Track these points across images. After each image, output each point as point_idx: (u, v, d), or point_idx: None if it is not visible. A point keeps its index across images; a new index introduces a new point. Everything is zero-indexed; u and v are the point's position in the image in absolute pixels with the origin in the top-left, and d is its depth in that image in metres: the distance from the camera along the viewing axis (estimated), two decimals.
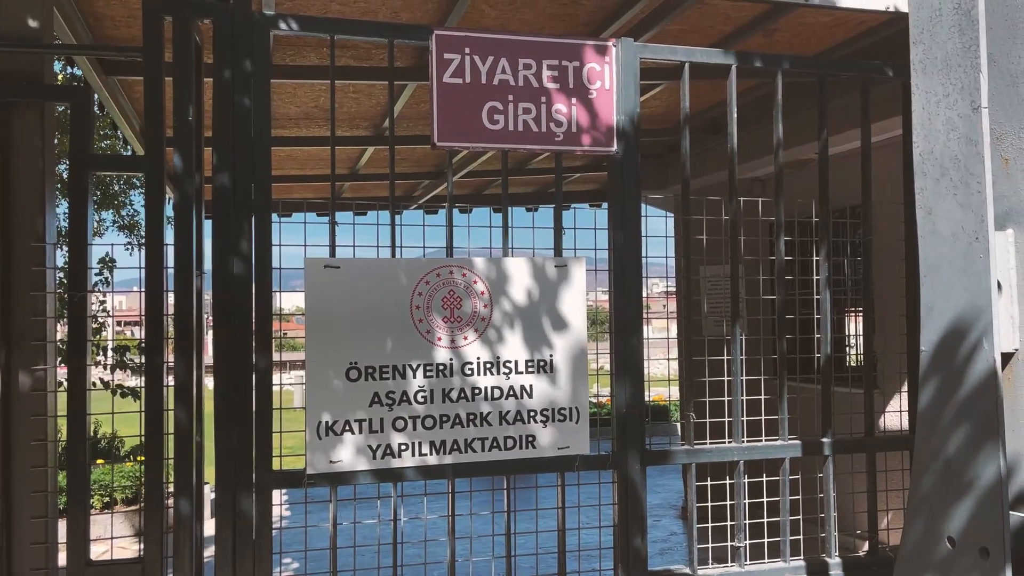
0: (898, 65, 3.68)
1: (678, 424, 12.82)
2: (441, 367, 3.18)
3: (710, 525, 3.74)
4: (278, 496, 3.08)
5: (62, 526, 3.01)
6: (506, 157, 3.39)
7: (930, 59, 2.20)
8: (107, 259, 9.78)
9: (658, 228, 4.21)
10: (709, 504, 3.76)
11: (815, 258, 3.84)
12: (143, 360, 2.88)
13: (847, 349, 6.81)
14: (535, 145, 3.27)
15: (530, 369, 3.26)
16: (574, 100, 3.30)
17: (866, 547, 3.78)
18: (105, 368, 9.01)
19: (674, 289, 6.22)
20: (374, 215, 3.41)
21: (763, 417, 3.91)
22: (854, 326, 6.72)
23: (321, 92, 5.62)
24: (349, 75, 4.96)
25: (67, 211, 3.03)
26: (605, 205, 3.55)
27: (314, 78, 5.03)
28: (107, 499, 8.24)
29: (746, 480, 3.55)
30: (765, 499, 3.72)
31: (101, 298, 10.04)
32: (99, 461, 9.22)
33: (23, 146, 3.05)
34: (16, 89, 3.09)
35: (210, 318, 3.07)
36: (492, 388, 3.22)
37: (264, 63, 3.02)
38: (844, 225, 4.97)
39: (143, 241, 2.94)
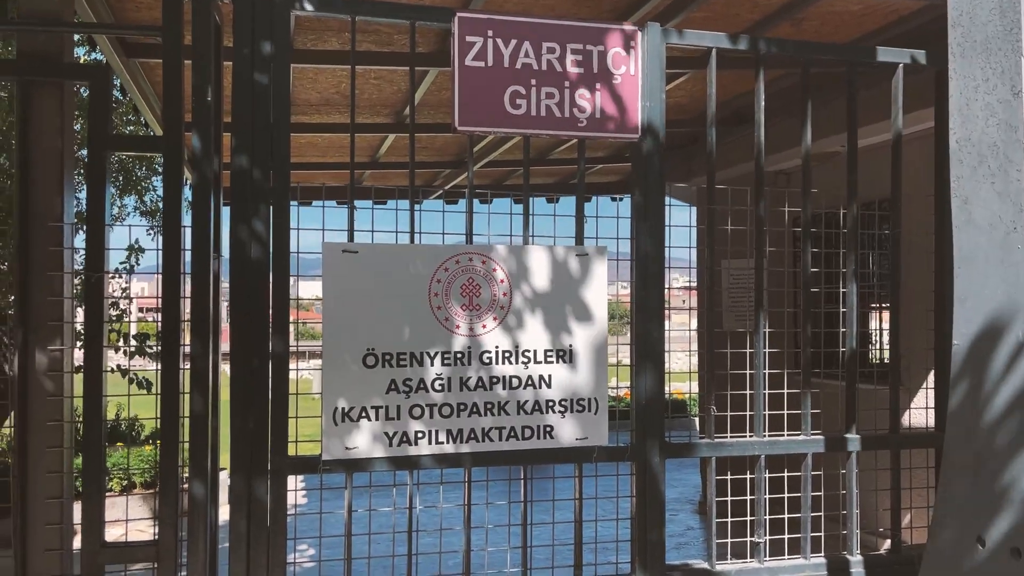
0: (931, 53, 3.59)
1: (696, 419, 12.74)
2: (459, 355, 3.14)
3: (729, 520, 3.68)
4: (294, 482, 3.06)
5: (78, 508, 3.00)
6: (528, 143, 3.34)
7: (969, 42, 2.12)
8: (135, 245, 9.85)
9: (679, 221, 4.15)
10: (729, 499, 3.71)
11: (841, 251, 3.77)
12: (157, 347, 2.86)
13: (871, 344, 6.71)
14: (558, 131, 3.22)
15: (549, 359, 3.22)
16: (598, 86, 3.24)
17: (887, 545, 3.71)
18: (126, 355, 9.08)
19: (695, 283, 6.14)
20: (394, 204, 3.38)
21: (785, 412, 3.84)
22: (879, 321, 6.62)
23: (342, 78, 5.59)
24: (370, 60, 4.92)
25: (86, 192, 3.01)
26: (627, 197, 3.49)
27: (335, 63, 5.00)
28: (126, 482, 8.31)
29: (767, 475, 3.49)
30: (786, 495, 3.66)
31: (124, 284, 10.12)
32: (119, 444, 9.30)
33: (42, 125, 3.04)
34: (35, 68, 3.07)
35: (227, 302, 3.05)
36: (510, 377, 3.18)
37: (284, 44, 2.99)
38: (871, 218, 4.87)
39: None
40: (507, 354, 3.18)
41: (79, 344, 3.48)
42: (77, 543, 3.02)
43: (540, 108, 3.19)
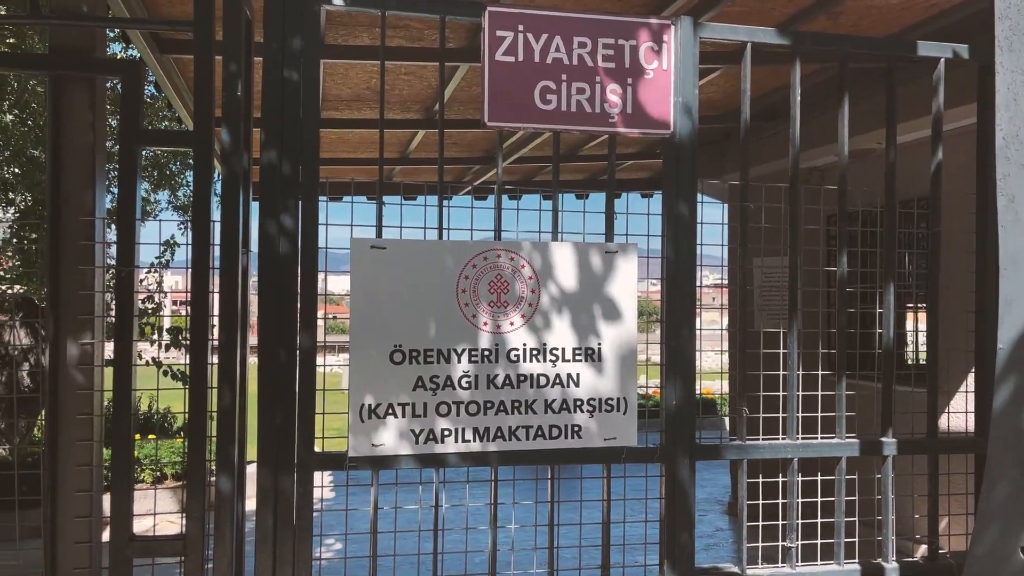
0: (974, 47, 3.49)
1: (726, 418, 12.61)
2: (486, 352, 3.11)
3: (760, 523, 3.61)
4: (320, 478, 3.05)
5: (107, 500, 3.02)
6: (558, 139, 3.30)
7: (1017, 35, 2.04)
8: (171, 240, 9.99)
9: (710, 218, 4.08)
10: (760, 502, 3.64)
11: (878, 250, 3.68)
12: (188, 340, 2.87)
13: (907, 346, 6.58)
14: (588, 127, 3.17)
15: (577, 357, 3.18)
16: (630, 81, 3.19)
17: (922, 551, 3.62)
18: (160, 347, 9.21)
19: (726, 281, 6.06)
20: (423, 199, 3.36)
21: (819, 414, 3.77)
22: (915, 322, 6.49)
23: (373, 74, 5.59)
24: (401, 56, 4.91)
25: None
26: (657, 193, 3.44)
27: (366, 58, 4.99)
28: (157, 474, 8.41)
29: (799, 478, 3.42)
30: (819, 499, 3.58)
31: (158, 278, 10.26)
32: (151, 436, 9.41)
33: (74, 120, 3.06)
34: (67, 63, 3.09)
35: (255, 296, 3.05)
36: (538, 375, 3.14)
37: (314, 39, 2.97)
38: (909, 216, 4.77)
39: None
40: (534, 352, 3.15)
41: (110, 337, 3.51)
42: (106, 535, 3.05)
43: (571, 103, 3.15)
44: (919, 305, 6.22)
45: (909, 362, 6.48)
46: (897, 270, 3.54)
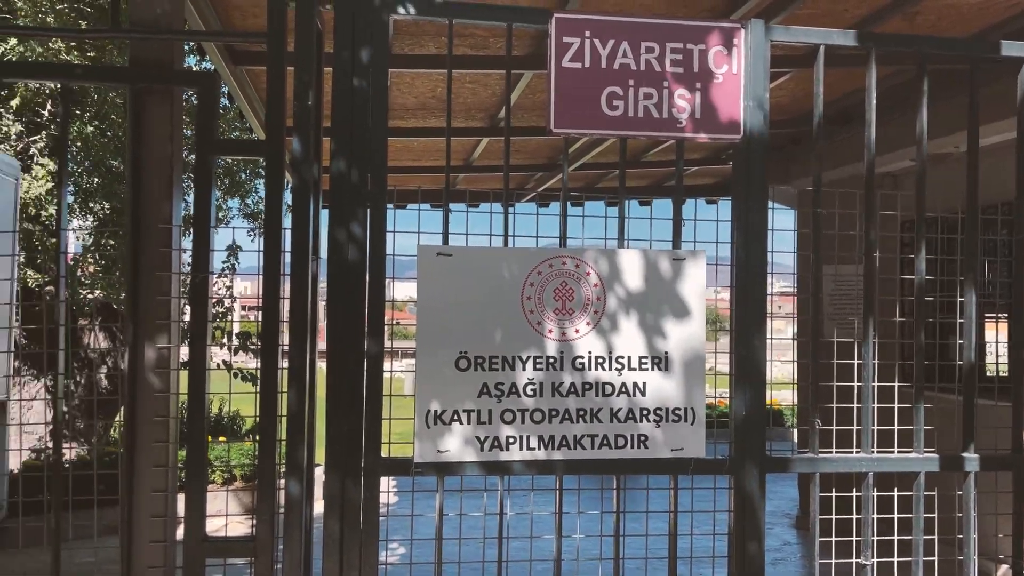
0: None
1: (794, 430, 12.32)
2: (551, 360, 3.09)
3: (833, 539, 3.51)
4: (386, 483, 3.08)
5: (180, 501, 3.10)
6: (625, 145, 3.27)
7: None
8: (234, 245, 10.26)
9: (779, 225, 3.98)
10: (833, 516, 3.53)
11: (958, 257, 3.54)
12: (259, 345, 2.93)
13: (987, 357, 6.33)
14: (656, 132, 3.14)
15: (644, 366, 3.13)
16: (698, 85, 3.14)
17: (1004, 572, 3.46)
18: (229, 351, 9.45)
19: (793, 288, 5.92)
20: (487, 206, 3.37)
21: (896, 427, 3.64)
22: (996, 332, 6.23)
23: (438, 82, 5.64)
24: (466, 64, 4.94)
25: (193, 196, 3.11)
26: (723, 200, 3.38)
27: (432, 67, 5.04)
28: (226, 476, 8.61)
29: (875, 493, 3.30)
30: (896, 515, 3.46)
31: (228, 283, 10.54)
32: (221, 439, 9.65)
33: (153, 131, 3.15)
34: (146, 75, 3.19)
35: (323, 302, 3.10)
36: (603, 384, 3.11)
37: (382, 49, 3.01)
38: (990, 223, 4.58)
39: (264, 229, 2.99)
40: (600, 360, 3.12)
41: (185, 342, 3.61)
42: (179, 535, 3.13)
43: (638, 109, 3.11)
44: (1001, 315, 5.98)
45: (991, 374, 6.23)
46: (978, 278, 3.40)
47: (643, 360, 3.13)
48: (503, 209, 3.16)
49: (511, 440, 3.06)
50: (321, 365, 3.17)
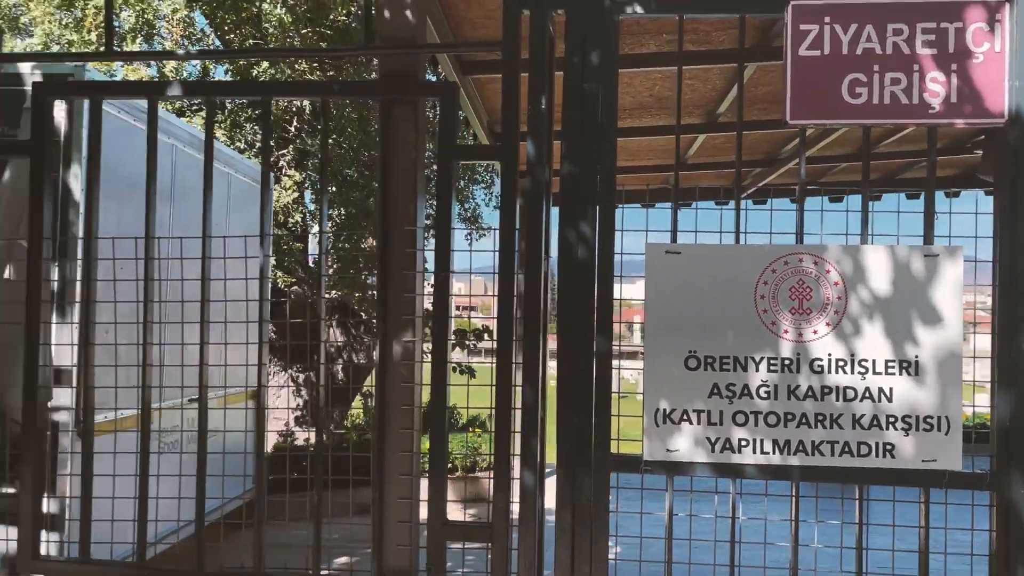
0: None
1: None
2: (787, 362, 2.98)
3: None
4: (614, 480, 3.10)
5: (423, 485, 3.31)
6: (868, 134, 3.08)
7: None
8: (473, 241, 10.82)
9: None
10: None
11: None
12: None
13: None
14: (904, 119, 2.94)
15: (891, 370, 2.94)
16: (954, 66, 2.90)
17: None
18: (451, 348, 9.93)
19: None
20: (700, 204, 3.31)
21: None
22: None
23: (656, 81, 5.61)
24: (691, 60, 4.88)
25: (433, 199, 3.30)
26: (965, 192, 3.09)
27: (653, 65, 5.02)
28: (449, 465, 9.06)
29: None
30: None
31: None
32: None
33: (400, 139, 3.39)
34: (395, 87, 3.44)
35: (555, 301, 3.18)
36: (844, 388, 2.95)
37: (611, 51, 3.04)
38: None
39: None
40: (841, 363, 2.96)
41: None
42: (420, 517, 3.34)
43: (883, 95, 2.92)
44: None
45: None
46: None
47: (890, 364, 2.93)
48: (735, 206, 3.09)
49: (743, 443, 2.98)
50: (550, 363, 3.26)
